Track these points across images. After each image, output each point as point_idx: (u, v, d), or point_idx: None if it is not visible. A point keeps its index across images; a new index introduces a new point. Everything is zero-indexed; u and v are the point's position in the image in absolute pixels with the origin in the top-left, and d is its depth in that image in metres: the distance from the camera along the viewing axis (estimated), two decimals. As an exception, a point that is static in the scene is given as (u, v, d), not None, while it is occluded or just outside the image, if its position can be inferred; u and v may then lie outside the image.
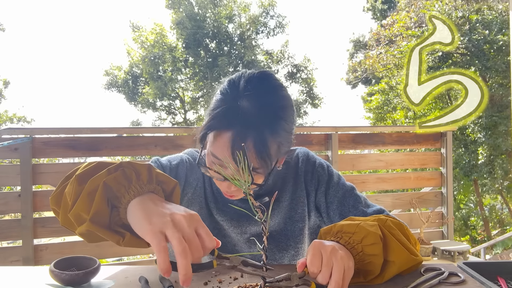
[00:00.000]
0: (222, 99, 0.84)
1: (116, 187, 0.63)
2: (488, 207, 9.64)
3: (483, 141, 8.05)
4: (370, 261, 0.71)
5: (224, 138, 0.80)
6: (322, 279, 0.64)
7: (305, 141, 3.38)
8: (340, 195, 0.98)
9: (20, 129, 6.61)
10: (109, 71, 17.47)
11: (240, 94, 0.82)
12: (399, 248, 0.74)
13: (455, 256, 3.40)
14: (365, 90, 13.87)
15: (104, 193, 0.62)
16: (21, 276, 0.83)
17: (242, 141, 0.78)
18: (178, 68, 16.71)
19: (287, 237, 1.00)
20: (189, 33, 15.81)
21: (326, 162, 1.05)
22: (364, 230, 0.72)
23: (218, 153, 0.82)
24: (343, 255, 0.66)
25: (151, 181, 0.66)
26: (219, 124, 0.81)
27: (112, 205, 0.64)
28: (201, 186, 1.00)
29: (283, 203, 1.00)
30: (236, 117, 0.79)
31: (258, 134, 0.79)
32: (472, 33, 7.98)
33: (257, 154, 0.79)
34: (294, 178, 1.02)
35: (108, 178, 0.63)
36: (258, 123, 0.79)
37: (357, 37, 15.30)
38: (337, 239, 0.74)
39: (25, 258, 2.69)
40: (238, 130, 0.79)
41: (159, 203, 0.62)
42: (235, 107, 0.81)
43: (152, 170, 0.67)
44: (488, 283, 0.72)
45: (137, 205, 0.61)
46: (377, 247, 0.71)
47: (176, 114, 18.28)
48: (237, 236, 0.99)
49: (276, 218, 0.99)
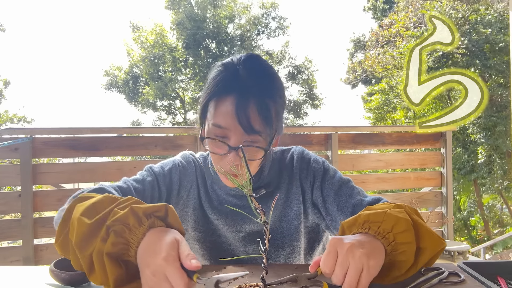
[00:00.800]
0: (219, 71, 0.87)
1: (117, 249, 0.63)
2: (488, 207, 9.63)
3: (482, 141, 8.05)
4: (403, 251, 0.66)
5: (226, 103, 0.82)
6: (336, 279, 0.59)
7: (305, 141, 3.38)
8: (336, 187, 0.98)
9: (21, 129, 6.61)
10: (109, 71, 17.47)
11: (237, 66, 0.86)
12: (429, 233, 0.69)
13: (455, 256, 3.40)
14: (365, 90, 13.88)
15: (111, 260, 0.62)
16: (21, 276, 0.83)
17: (245, 103, 0.81)
18: (178, 68, 16.72)
19: (283, 235, 1.00)
20: (189, 34, 15.82)
21: (321, 158, 1.05)
22: (394, 217, 0.67)
23: (222, 121, 0.82)
24: (364, 252, 0.60)
25: (141, 221, 0.65)
26: (221, 90, 0.83)
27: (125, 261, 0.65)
28: (194, 188, 1.01)
29: (278, 200, 1.00)
30: (237, 82, 0.83)
31: (259, 97, 0.83)
32: (472, 33, 7.98)
33: (260, 115, 0.82)
34: (289, 175, 1.02)
35: (106, 247, 0.62)
36: (257, 88, 0.83)
37: (357, 36, 15.30)
38: (365, 230, 0.67)
39: (25, 258, 2.69)
40: (240, 94, 0.82)
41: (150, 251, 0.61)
42: (235, 74, 0.84)
43: (136, 211, 0.65)
44: (488, 283, 0.72)
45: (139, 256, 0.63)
46: (410, 234, 0.66)
47: (176, 114, 18.29)
48: (232, 235, 0.99)
49: (271, 216, 0.99)
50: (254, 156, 0.86)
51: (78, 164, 3.68)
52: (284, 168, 1.03)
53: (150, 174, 0.95)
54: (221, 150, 0.85)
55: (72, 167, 3.16)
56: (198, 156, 1.07)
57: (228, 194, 0.99)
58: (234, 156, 0.83)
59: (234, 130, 0.82)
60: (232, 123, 0.81)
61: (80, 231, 0.64)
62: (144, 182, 0.92)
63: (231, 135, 0.83)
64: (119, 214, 0.65)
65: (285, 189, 1.01)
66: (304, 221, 1.02)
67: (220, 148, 0.85)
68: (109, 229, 0.63)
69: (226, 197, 0.99)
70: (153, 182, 0.93)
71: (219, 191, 1.00)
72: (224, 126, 0.82)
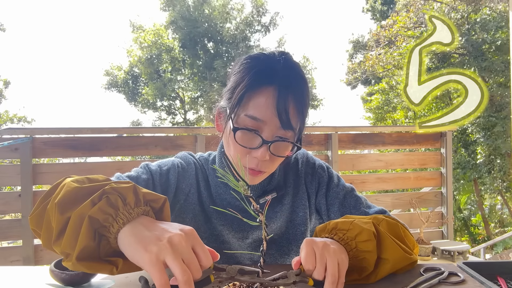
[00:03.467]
0: (252, 64, 0.84)
1: (103, 218, 0.58)
2: (488, 207, 9.63)
3: (481, 141, 8.05)
4: (364, 258, 0.72)
5: (265, 95, 0.79)
6: (318, 275, 0.64)
7: (305, 141, 3.38)
8: (341, 197, 0.97)
9: (21, 129, 6.61)
10: (109, 71, 17.48)
11: (274, 59, 0.84)
12: (393, 246, 0.74)
13: (455, 256, 3.40)
14: (365, 90, 13.88)
15: (90, 226, 0.57)
16: (21, 276, 0.83)
17: (285, 97, 0.79)
18: (177, 68, 16.73)
19: (289, 241, 0.97)
20: (184, 33, 15.81)
21: (325, 163, 1.04)
22: (358, 227, 0.73)
23: (258, 112, 0.79)
24: (335, 249, 0.67)
25: (139, 203, 0.62)
26: (261, 81, 0.80)
27: (100, 235, 0.60)
28: (194, 192, 0.94)
29: (285, 205, 0.97)
30: (277, 74, 0.81)
31: (298, 92, 0.81)
32: (471, 33, 7.98)
33: (297, 111, 0.81)
34: (295, 180, 1.00)
35: (92, 210, 0.57)
36: (296, 84, 0.82)
37: (356, 38, 15.30)
38: (332, 235, 0.74)
39: (25, 258, 2.69)
40: (280, 87, 0.79)
41: (152, 226, 0.59)
42: (273, 67, 0.82)
43: (138, 191, 0.63)
44: (488, 283, 0.72)
45: (129, 232, 0.57)
46: (371, 243, 0.72)
47: (176, 114, 18.29)
48: (238, 241, 0.95)
49: (278, 222, 0.96)
50: (283, 153, 0.84)
51: (78, 164, 3.68)
52: (290, 172, 1.00)
53: (145, 172, 0.90)
54: (251, 144, 0.81)
55: (72, 167, 3.16)
56: (198, 157, 1.00)
57: (234, 197, 0.93)
58: (264, 151, 0.80)
59: (270, 123, 0.79)
60: (270, 116, 0.79)
61: (67, 192, 0.61)
62: (138, 179, 0.86)
63: (265, 128, 0.80)
64: (120, 186, 0.62)
65: (291, 194, 0.99)
66: (309, 226, 1.00)
67: (251, 141, 0.81)
68: (104, 194, 0.60)
69: (233, 200, 0.93)
70: (148, 181, 0.87)
71: (225, 194, 0.94)
72: (260, 118, 0.79)
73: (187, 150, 1.07)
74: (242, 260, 0.96)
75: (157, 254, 0.53)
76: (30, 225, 0.65)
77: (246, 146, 0.81)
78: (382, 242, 0.74)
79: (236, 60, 0.89)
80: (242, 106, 0.80)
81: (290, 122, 0.79)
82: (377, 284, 0.74)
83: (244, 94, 0.80)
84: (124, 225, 0.58)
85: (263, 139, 0.79)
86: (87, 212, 0.57)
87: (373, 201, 3.60)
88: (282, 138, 0.81)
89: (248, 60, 0.85)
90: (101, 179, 0.67)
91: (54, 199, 0.61)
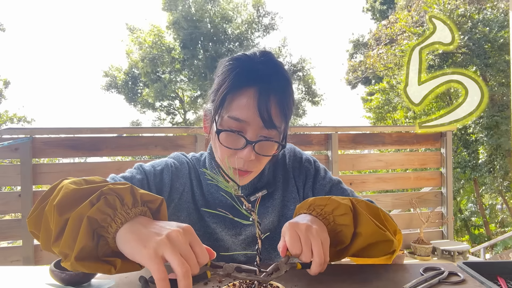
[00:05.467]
0: (234, 65, 0.84)
1: (101, 218, 0.59)
2: (488, 207, 9.63)
3: (484, 140, 8.04)
4: (340, 230, 0.76)
5: (247, 96, 0.80)
6: (305, 257, 0.67)
7: (305, 141, 3.38)
8: (327, 189, 0.99)
9: (21, 129, 6.61)
10: (109, 72, 17.48)
11: (255, 59, 0.84)
12: (367, 220, 0.77)
13: (455, 256, 3.40)
14: (365, 90, 13.88)
15: (89, 226, 0.58)
16: (21, 276, 0.83)
17: (266, 97, 0.79)
18: (177, 69, 16.73)
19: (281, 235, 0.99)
20: (186, 33, 15.82)
21: (312, 157, 1.06)
22: (335, 202, 0.76)
23: (240, 113, 0.80)
24: (318, 229, 0.70)
25: (136, 203, 0.63)
26: (240, 83, 0.80)
27: (99, 236, 0.61)
28: (188, 191, 0.95)
29: (276, 200, 0.98)
30: (257, 76, 0.81)
31: (279, 92, 0.82)
32: (473, 32, 7.97)
33: (280, 110, 0.81)
34: (283, 175, 1.01)
35: (91, 211, 0.59)
36: (277, 83, 0.83)
37: (356, 37, 15.30)
38: (310, 211, 0.77)
39: (25, 258, 2.70)
40: (261, 87, 0.80)
41: (149, 224, 0.60)
42: (254, 68, 0.83)
43: (135, 192, 0.64)
44: (488, 283, 0.72)
45: (127, 231, 0.59)
46: (348, 217, 0.75)
47: (175, 114, 18.31)
48: (231, 238, 0.96)
49: (270, 217, 0.97)
50: (268, 152, 0.85)
51: (78, 164, 3.68)
52: (278, 167, 1.02)
53: (140, 172, 0.90)
54: (236, 145, 0.82)
55: (72, 167, 3.17)
56: (190, 157, 1.02)
57: (224, 196, 0.95)
58: (249, 151, 0.81)
59: (252, 123, 0.80)
60: (252, 117, 0.79)
61: (65, 194, 0.62)
62: (133, 179, 0.87)
63: (249, 129, 0.81)
64: (118, 187, 0.63)
65: (281, 189, 1.00)
66: None
67: (235, 142, 0.82)
68: (102, 195, 0.61)
69: (224, 199, 0.95)
70: (143, 181, 0.88)
71: (216, 193, 0.95)
72: (243, 119, 0.80)
73: (187, 150, 1.08)
74: (236, 257, 0.97)
75: (155, 249, 0.54)
76: (28, 227, 0.66)
77: (231, 147, 0.82)
78: (358, 216, 0.77)
79: (220, 62, 0.89)
80: (225, 108, 0.81)
81: (272, 122, 0.80)
82: (377, 284, 0.74)
83: (225, 95, 0.81)
84: (122, 225, 0.60)
85: (247, 139, 0.81)
86: (86, 212, 0.58)
87: (373, 201, 3.60)
88: (266, 138, 0.82)
89: (230, 61, 0.86)
90: (98, 181, 0.69)
91: (53, 201, 0.62)
